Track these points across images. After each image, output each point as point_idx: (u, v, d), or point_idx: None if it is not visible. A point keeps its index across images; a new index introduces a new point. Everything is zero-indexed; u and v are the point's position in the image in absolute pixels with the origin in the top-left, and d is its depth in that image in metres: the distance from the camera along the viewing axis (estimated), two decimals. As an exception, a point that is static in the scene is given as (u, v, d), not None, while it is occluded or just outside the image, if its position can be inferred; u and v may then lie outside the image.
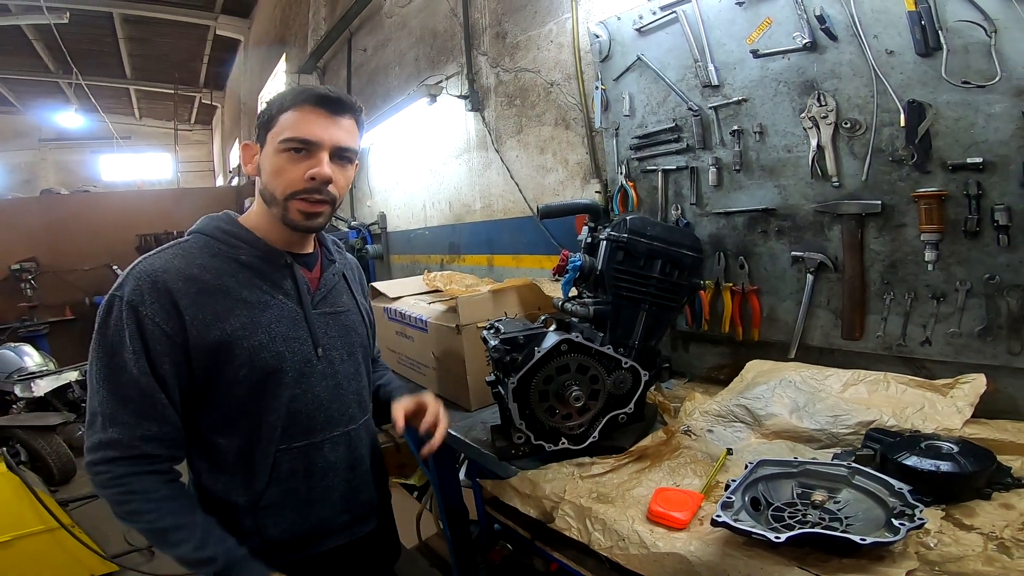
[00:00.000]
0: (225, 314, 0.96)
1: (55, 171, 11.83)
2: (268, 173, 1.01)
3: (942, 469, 0.94)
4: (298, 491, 1.06)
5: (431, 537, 2.43)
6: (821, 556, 0.83)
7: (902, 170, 1.25)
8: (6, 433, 3.54)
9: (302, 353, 1.04)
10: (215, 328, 0.95)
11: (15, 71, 9.01)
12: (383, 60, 3.86)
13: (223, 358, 0.96)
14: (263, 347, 0.99)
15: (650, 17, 1.68)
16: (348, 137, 1.02)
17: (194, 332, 0.94)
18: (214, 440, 1.02)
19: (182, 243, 1.02)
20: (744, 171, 1.54)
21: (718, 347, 1.73)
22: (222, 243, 1.02)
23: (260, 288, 1.02)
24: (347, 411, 1.12)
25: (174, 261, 0.97)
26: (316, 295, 1.09)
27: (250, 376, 0.98)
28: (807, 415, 1.24)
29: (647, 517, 1.03)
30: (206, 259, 0.99)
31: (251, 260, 1.02)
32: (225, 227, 1.04)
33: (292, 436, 1.04)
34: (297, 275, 1.06)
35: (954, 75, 1.14)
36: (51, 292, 6.40)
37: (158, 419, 0.94)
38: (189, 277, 0.95)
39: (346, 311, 1.15)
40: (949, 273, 1.21)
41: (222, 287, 0.98)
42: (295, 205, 0.99)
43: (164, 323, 0.92)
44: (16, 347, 4.70)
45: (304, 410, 1.05)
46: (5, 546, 2.42)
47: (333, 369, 1.09)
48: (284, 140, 0.97)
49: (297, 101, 0.99)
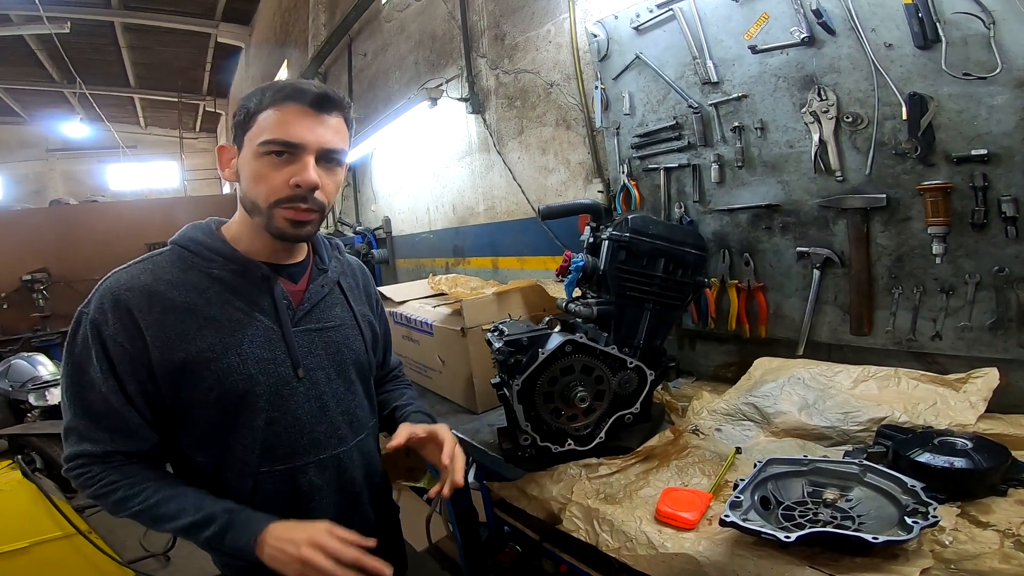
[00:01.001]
0: (191, 335, 0.90)
1: (63, 181, 11.93)
2: (248, 179, 0.91)
3: (956, 465, 0.93)
4: (284, 513, 0.97)
5: (441, 540, 2.43)
6: (833, 555, 0.83)
7: (906, 163, 1.24)
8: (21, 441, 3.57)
9: (278, 375, 0.96)
10: (178, 350, 0.89)
11: (20, 81, 9.10)
12: (383, 65, 3.87)
13: (190, 380, 0.90)
14: (233, 370, 0.92)
15: (647, 15, 1.67)
16: (336, 137, 0.92)
17: (156, 353, 0.89)
18: (193, 458, 0.98)
19: (156, 255, 0.96)
20: (746, 167, 1.53)
21: (725, 345, 1.72)
22: (196, 255, 0.95)
23: (233, 305, 0.94)
24: (335, 433, 1.04)
25: (141, 277, 0.91)
26: (299, 310, 1.00)
27: (222, 399, 0.92)
28: (817, 412, 1.23)
29: (655, 517, 1.02)
30: (176, 274, 0.93)
31: (224, 275, 0.94)
32: (200, 238, 0.97)
33: (273, 459, 0.97)
34: (275, 290, 0.97)
35: (954, 67, 1.13)
36: (63, 302, 6.44)
37: (133, 435, 0.91)
38: (153, 294, 0.90)
39: (337, 325, 1.06)
40: (957, 266, 1.20)
41: (188, 305, 0.91)
42: (281, 213, 0.90)
43: (126, 343, 0.88)
44: (30, 357, 4.74)
45: (284, 433, 0.98)
46: (22, 552, 2.43)
47: (318, 390, 1.01)
48: (264, 143, 0.88)
49: (278, 98, 0.89)
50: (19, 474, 2.55)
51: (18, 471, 2.57)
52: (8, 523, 2.43)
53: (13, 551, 2.40)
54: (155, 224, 7.09)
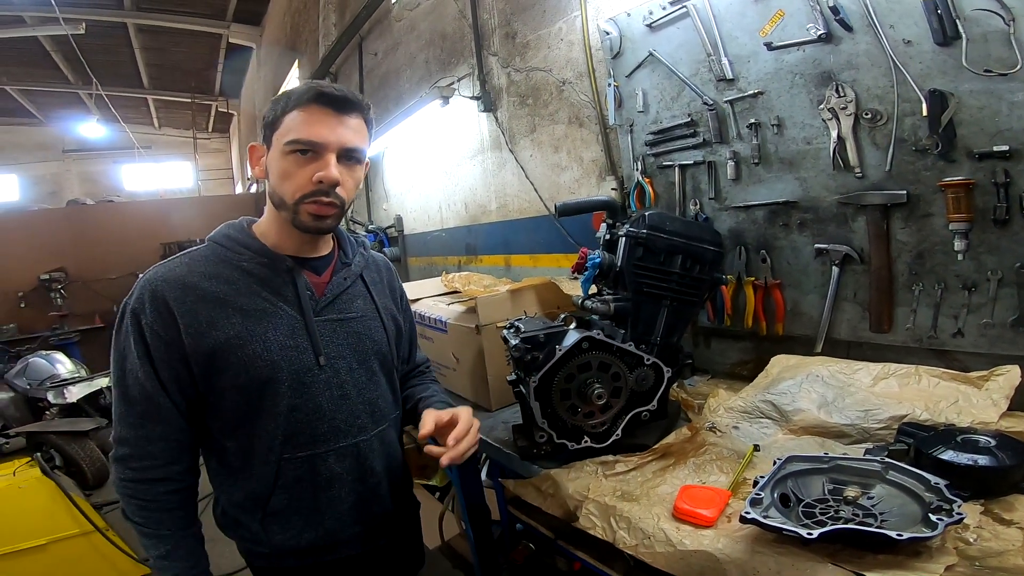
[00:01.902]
0: (219, 322, 0.96)
1: (80, 182, 12.11)
2: (275, 176, 0.98)
3: (980, 463, 0.92)
4: (305, 499, 1.05)
5: (453, 538, 2.44)
6: (855, 552, 0.82)
7: (927, 159, 1.22)
8: (40, 439, 3.62)
9: (300, 362, 1.01)
10: (208, 336, 0.95)
11: (36, 83, 9.24)
12: (394, 64, 3.88)
13: (219, 366, 0.96)
14: (257, 356, 0.97)
15: (660, 12, 1.67)
16: (356, 137, 0.99)
17: (189, 340, 0.95)
18: (222, 442, 1.03)
19: (194, 251, 1.04)
20: (763, 164, 1.52)
21: (741, 342, 1.71)
22: (229, 250, 1.02)
23: (260, 296, 1.00)
24: (355, 421, 1.07)
25: (177, 269, 0.98)
26: (321, 301, 1.05)
27: (247, 385, 0.98)
28: (836, 410, 1.22)
29: (673, 515, 1.02)
30: (211, 267, 1.00)
31: (253, 267, 1.01)
32: (233, 234, 1.04)
33: (295, 445, 1.02)
34: (298, 281, 1.03)
35: (975, 64, 1.12)
36: (80, 301, 6.56)
37: (161, 421, 0.97)
38: (187, 285, 0.96)
39: (358, 317, 1.10)
40: (979, 262, 1.19)
41: (219, 295, 0.97)
42: (306, 208, 0.97)
43: (162, 331, 0.94)
44: (48, 355, 4.81)
45: (305, 420, 1.02)
46: (41, 550, 2.46)
47: (339, 379, 1.05)
48: (289, 142, 0.95)
49: (302, 101, 0.96)
50: (38, 471, 2.58)
51: (37, 468, 2.60)
52: (27, 520, 2.46)
53: (32, 548, 2.43)
54: (170, 224, 7.19)
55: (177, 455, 0.99)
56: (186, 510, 1.02)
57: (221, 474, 1.06)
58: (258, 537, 1.05)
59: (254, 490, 1.03)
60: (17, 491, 2.47)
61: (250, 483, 1.03)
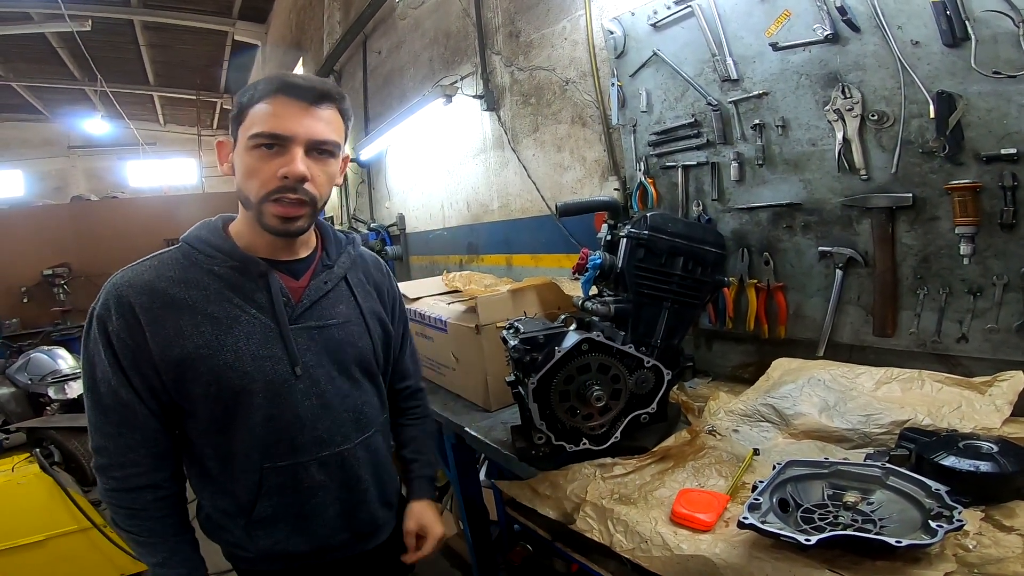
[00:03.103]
0: (188, 331, 0.91)
1: (84, 178, 12.16)
2: (241, 173, 0.92)
3: (982, 469, 0.90)
4: (291, 507, 1.01)
5: (451, 538, 2.43)
6: (853, 559, 0.81)
7: (933, 162, 1.21)
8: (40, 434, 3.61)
9: (275, 372, 0.96)
10: (176, 346, 0.91)
11: (43, 79, 9.28)
12: (398, 62, 3.88)
13: (189, 375, 0.92)
14: (228, 367, 0.93)
15: (665, 12, 1.66)
16: (327, 129, 0.92)
17: (156, 348, 0.90)
18: (202, 449, 1.00)
19: (164, 253, 0.98)
20: (767, 165, 1.51)
21: (742, 345, 1.70)
22: (200, 252, 0.96)
23: (230, 302, 0.95)
24: (339, 430, 1.03)
25: (144, 274, 0.93)
26: (298, 307, 0.99)
27: (220, 394, 0.94)
28: (838, 414, 1.21)
29: (671, 519, 1.01)
30: (180, 271, 0.94)
31: (224, 271, 0.95)
32: (205, 236, 0.98)
33: (276, 455, 0.98)
34: (272, 287, 0.97)
35: (984, 66, 1.10)
36: (83, 297, 6.58)
37: (139, 428, 0.93)
38: (154, 291, 0.92)
39: (340, 323, 1.04)
40: (985, 267, 1.17)
41: (187, 302, 0.92)
42: (269, 208, 0.90)
43: (128, 338, 0.90)
44: (50, 350, 4.80)
45: (285, 430, 0.98)
46: (39, 546, 2.45)
47: (318, 388, 1.00)
48: (253, 136, 0.89)
49: (268, 92, 0.89)
50: (37, 467, 2.57)
51: (36, 464, 2.59)
52: (25, 516, 2.46)
53: (30, 544, 2.43)
54: (174, 220, 7.17)
55: (160, 462, 0.96)
56: (177, 516, 1.00)
57: (204, 480, 1.03)
58: (243, 543, 1.03)
59: (238, 497, 1.00)
60: (16, 487, 2.47)
61: (234, 490, 1.00)
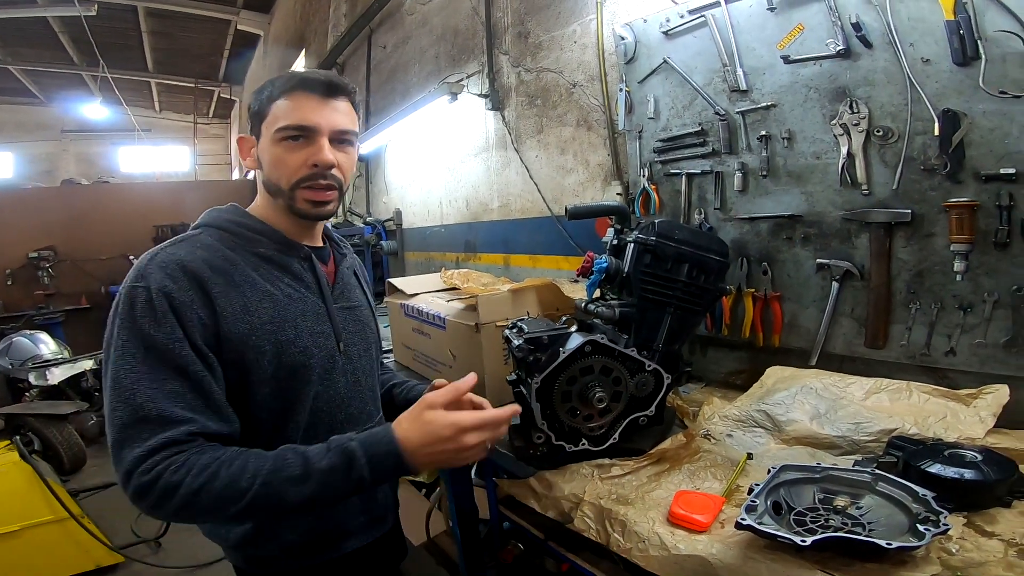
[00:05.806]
0: (253, 307, 0.92)
1: (76, 162, 12.01)
2: (268, 164, 0.97)
3: (966, 477, 0.94)
4: None
5: (439, 535, 2.43)
6: (844, 560, 0.83)
7: (934, 179, 1.24)
8: (19, 421, 3.52)
9: (327, 348, 1.01)
10: (243, 321, 0.90)
11: (40, 63, 9.16)
12: (403, 58, 3.88)
13: (251, 355, 0.91)
14: (291, 343, 0.95)
15: (678, 20, 1.68)
16: (345, 119, 0.99)
17: (224, 325, 0.88)
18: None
19: (195, 236, 0.96)
20: (771, 177, 1.53)
21: (736, 352, 1.72)
22: (237, 236, 0.97)
23: (283, 282, 0.98)
24: (365, 408, 1.09)
25: (198, 252, 0.91)
26: (335, 289, 1.07)
27: (278, 373, 0.94)
28: (828, 422, 1.24)
29: (668, 519, 1.03)
30: (226, 252, 0.95)
31: (271, 253, 0.98)
32: (240, 219, 0.99)
33: (314, 436, 0.96)
34: (317, 268, 1.04)
35: (991, 85, 1.13)
36: (68, 281, 6.47)
37: (216, 410, 0.86)
38: (216, 268, 0.91)
39: (361, 306, 1.14)
40: (977, 284, 1.21)
41: (248, 280, 0.93)
42: (302, 194, 0.96)
43: (200, 311, 0.87)
44: (32, 335, 4.71)
45: (326, 408, 1.01)
46: (14, 536, 2.40)
47: (352, 365, 1.07)
48: (280, 129, 0.94)
49: (288, 87, 0.95)
50: (16, 455, 2.52)
51: (15, 452, 2.54)
52: (1, 505, 2.41)
53: (4, 534, 2.38)
54: (164, 207, 7.12)
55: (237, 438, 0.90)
56: None
57: None
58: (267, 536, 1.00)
59: None
60: (-6, 476, 2.41)
61: None
